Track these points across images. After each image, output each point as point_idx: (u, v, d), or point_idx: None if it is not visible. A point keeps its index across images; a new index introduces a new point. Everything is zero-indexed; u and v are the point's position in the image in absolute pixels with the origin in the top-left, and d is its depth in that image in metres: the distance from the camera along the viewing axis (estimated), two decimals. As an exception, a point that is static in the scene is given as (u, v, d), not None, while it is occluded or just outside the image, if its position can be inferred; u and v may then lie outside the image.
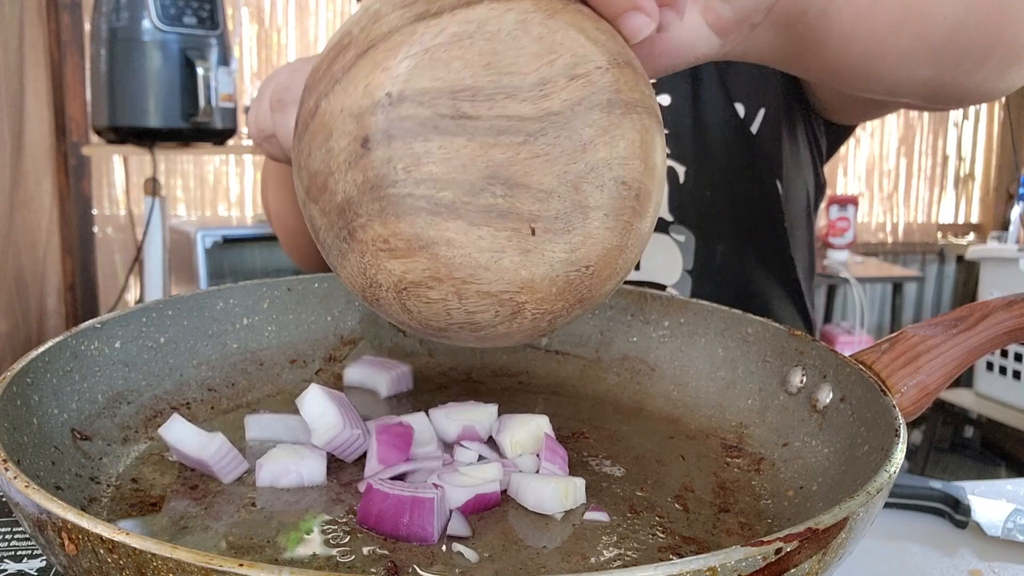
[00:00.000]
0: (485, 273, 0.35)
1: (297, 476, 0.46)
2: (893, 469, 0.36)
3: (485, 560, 0.40)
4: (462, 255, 0.35)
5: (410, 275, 0.36)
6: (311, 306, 0.63)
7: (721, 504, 0.46)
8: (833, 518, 0.31)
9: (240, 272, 2.18)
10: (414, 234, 0.34)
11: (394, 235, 0.35)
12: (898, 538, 0.59)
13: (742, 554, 0.28)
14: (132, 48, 1.95)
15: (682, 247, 0.76)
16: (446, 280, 0.35)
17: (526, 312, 0.37)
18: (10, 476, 0.32)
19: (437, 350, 0.66)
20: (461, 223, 0.34)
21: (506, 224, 0.35)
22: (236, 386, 0.58)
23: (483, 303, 0.36)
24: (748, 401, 0.55)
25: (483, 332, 0.38)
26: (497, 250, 0.35)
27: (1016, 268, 2.54)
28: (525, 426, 0.52)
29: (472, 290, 0.36)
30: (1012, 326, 0.49)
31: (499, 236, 0.35)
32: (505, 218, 0.35)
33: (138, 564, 0.28)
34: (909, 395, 0.46)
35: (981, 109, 3.62)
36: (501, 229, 0.35)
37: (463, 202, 0.34)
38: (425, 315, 0.37)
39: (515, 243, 0.35)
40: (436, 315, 0.37)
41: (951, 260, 3.65)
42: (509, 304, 0.36)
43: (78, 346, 0.49)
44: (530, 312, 0.37)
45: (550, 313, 0.37)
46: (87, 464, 0.46)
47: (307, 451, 0.48)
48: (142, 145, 2.05)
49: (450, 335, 0.38)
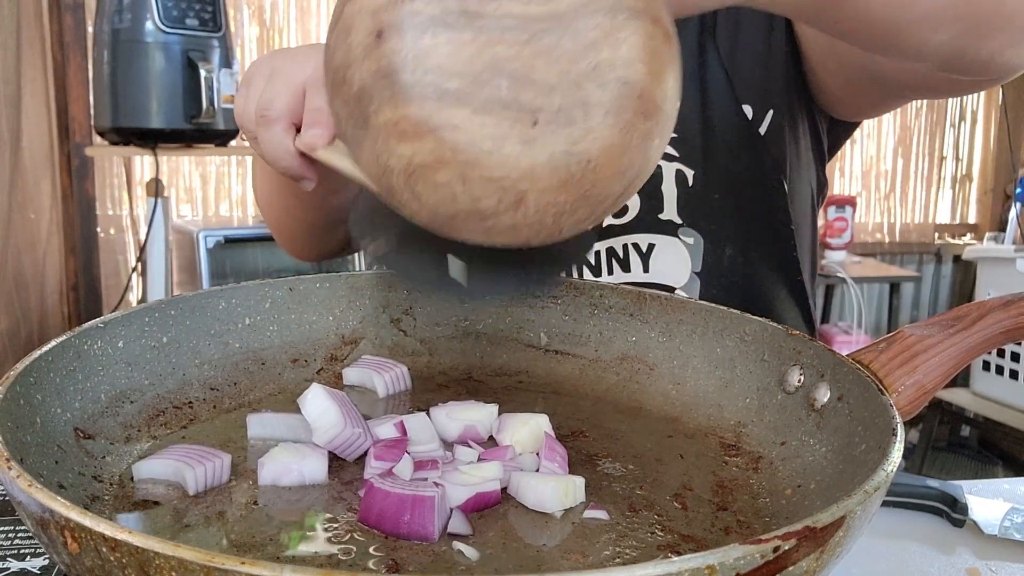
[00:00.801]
0: (488, 158, 0.37)
1: (299, 475, 0.47)
2: (890, 468, 0.36)
3: (485, 558, 0.40)
4: (466, 140, 0.37)
5: (418, 157, 0.37)
6: (313, 306, 0.64)
7: (720, 503, 0.47)
8: (831, 516, 0.31)
9: (242, 272, 2.18)
10: (422, 117, 0.37)
11: (403, 118, 0.37)
12: (896, 537, 0.59)
13: (740, 552, 0.28)
14: (135, 49, 1.95)
15: (691, 249, 0.77)
16: (451, 163, 0.37)
17: (529, 201, 0.38)
18: (13, 475, 0.33)
19: (437, 350, 0.66)
20: (465, 111, 0.37)
21: (508, 114, 0.37)
22: (238, 385, 0.58)
23: (487, 189, 0.38)
24: (746, 400, 0.55)
25: (490, 223, 0.39)
26: (500, 137, 0.37)
27: (1013, 268, 2.54)
28: (525, 425, 0.52)
29: (476, 174, 0.37)
30: (1009, 326, 0.49)
31: (502, 124, 0.37)
32: (508, 108, 0.37)
33: (140, 563, 0.28)
34: (906, 394, 0.46)
35: (978, 109, 3.62)
36: (504, 118, 0.37)
37: (468, 92, 0.36)
38: (433, 201, 0.38)
39: (517, 132, 0.37)
40: (443, 201, 0.38)
41: (948, 260, 3.65)
42: (512, 191, 0.38)
43: (81, 345, 0.49)
44: (533, 202, 0.38)
45: (553, 206, 0.39)
46: (90, 463, 0.46)
47: (308, 450, 0.48)
48: (145, 146, 2.05)
49: (459, 227, 0.40)
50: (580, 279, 0.67)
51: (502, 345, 0.67)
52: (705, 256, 0.77)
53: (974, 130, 3.65)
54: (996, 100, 3.54)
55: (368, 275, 0.67)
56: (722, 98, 0.77)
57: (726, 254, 0.77)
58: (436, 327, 0.67)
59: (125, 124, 2.00)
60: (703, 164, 0.77)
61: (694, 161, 0.77)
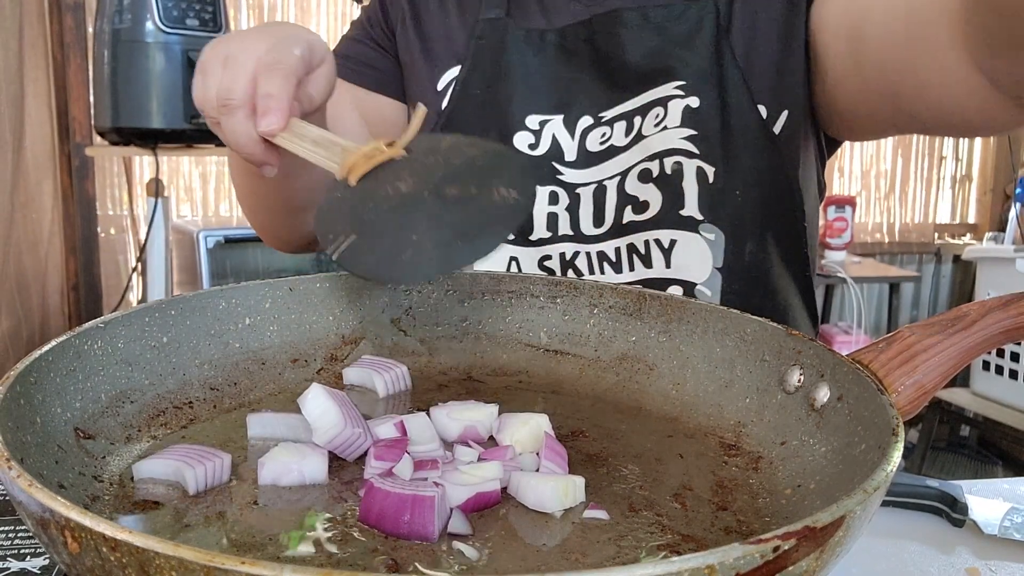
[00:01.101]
0: None
1: (299, 475, 0.47)
2: (890, 468, 0.36)
3: (485, 558, 0.40)
4: None
5: None
6: (313, 306, 0.64)
7: (719, 502, 0.47)
8: (831, 516, 0.31)
9: (242, 272, 2.19)
10: None
11: None
12: (895, 536, 0.59)
13: (740, 552, 0.28)
14: (135, 50, 1.96)
15: (712, 245, 0.78)
16: None
17: None
18: (13, 475, 0.33)
19: (437, 350, 0.66)
20: None
21: None
22: (238, 385, 0.58)
23: None
24: (746, 400, 0.55)
25: None
26: None
27: (1012, 268, 2.54)
28: (525, 425, 0.52)
29: None
30: (1009, 326, 0.49)
31: None
32: None
33: (140, 562, 0.28)
34: (906, 394, 0.46)
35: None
36: None
37: None
38: None
39: None
40: None
41: (948, 260, 3.65)
42: None
43: (81, 345, 0.49)
44: None
45: None
46: (90, 463, 0.46)
47: (308, 450, 0.48)
48: (145, 146, 2.05)
49: None
50: (581, 279, 0.67)
51: (502, 345, 0.67)
52: (727, 252, 0.78)
53: (974, 130, 3.64)
54: None
55: (368, 275, 0.67)
56: (739, 98, 0.78)
57: (747, 250, 0.79)
58: (436, 327, 0.67)
59: (125, 124, 2.00)
60: (723, 161, 0.78)
61: (714, 158, 0.78)
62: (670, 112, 0.78)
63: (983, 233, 3.55)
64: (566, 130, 0.81)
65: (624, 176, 0.80)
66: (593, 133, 0.81)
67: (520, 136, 0.82)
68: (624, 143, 0.80)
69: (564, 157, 0.81)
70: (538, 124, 0.82)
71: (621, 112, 0.81)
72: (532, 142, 0.82)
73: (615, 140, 0.80)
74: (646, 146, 0.79)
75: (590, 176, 0.81)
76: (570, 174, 0.81)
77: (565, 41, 0.82)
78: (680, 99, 0.78)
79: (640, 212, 0.79)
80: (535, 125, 0.82)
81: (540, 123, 0.82)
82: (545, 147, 0.81)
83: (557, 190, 0.81)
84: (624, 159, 0.80)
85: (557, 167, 0.81)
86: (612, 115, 0.81)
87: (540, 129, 0.82)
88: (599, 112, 0.81)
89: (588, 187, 0.81)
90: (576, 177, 0.81)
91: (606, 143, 0.81)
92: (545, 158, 0.81)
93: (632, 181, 0.79)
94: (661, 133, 0.78)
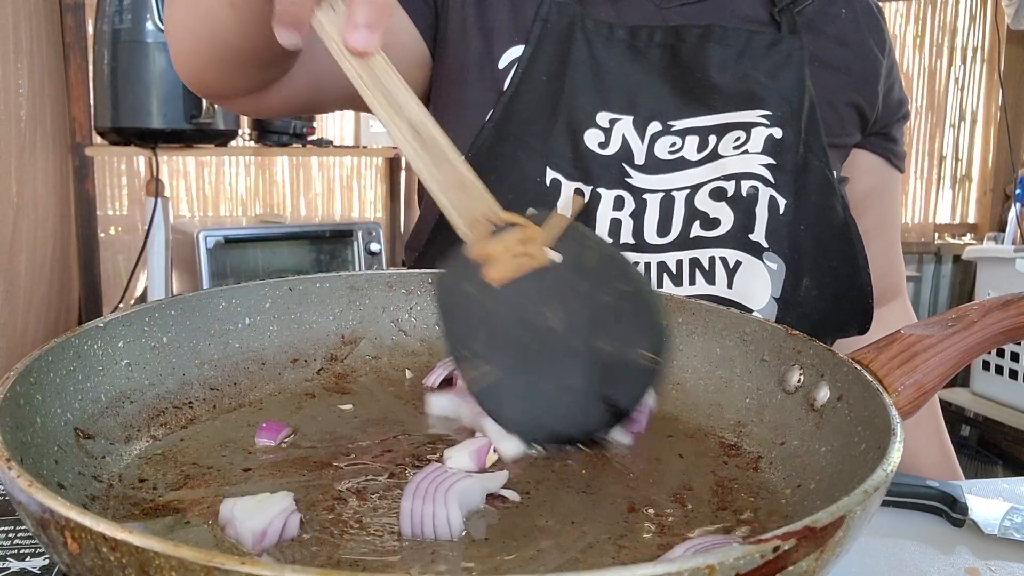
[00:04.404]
0: None
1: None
2: (890, 467, 0.36)
3: (484, 559, 0.40)
4: None
5: None
6: (313, 306, 0.64)
7: (720, 502, 0.47)
8: (830, 516, 0.31)
9: (242, 272, 2.19)
10: None
11: None
12: (895, 536, 0.59)
13: (740, 552, 0.28)
14: (135, 50, 1.95)
15: (773, 274, 0.78)
16: None
17: None
18: (13, 475, 0.33)
19: (437, 350, 0.66)
20: None
21: None
22: (238, 385, 0.58)
23: None
24: (746, 400, 0.55)
25: None
26: None
27: (1012, 268, 2.55)
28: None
29: None
30: (1008, 326, 0.49)
31: None
32: None
33: (140, 562, 0.28)
34: (906, 394, 0.46)
35: (978, 110, 3.62)
36: None
37: None
38: None
39: None
40: None
41: (948, 260, 3.65)
42: None
43: (81, 346, 0.49)
44: None
45: None
46: (90, 463, 0.46)
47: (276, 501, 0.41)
48: (145, 146, 2.05)
49: None
50: None
51: (502, 345, 0.67)
52: (785, 283, 0.78)
53: (974, 130, 3.64)
54: (996, 100, 3.54)
55: (368, 275, 0.67)
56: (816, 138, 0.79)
57: (803, 285, 0.78)
58: (436, 327, 0.67)
59: (125, 124, 2.00)
60: (795, 195, 0.78)
61: (787, 191, 0.78)
62: (752, 138, 0.78)
63: (983, 233, 3.56)
64: (636, 132, 0.80)
65: (695, 190, 0.78)
66: (662, 140, 0.79)
67: (590, 133, 0.79)
68: (696, 158, 0.79)
69: (633, 160, 0.79)
70: (608, 122, 0.80)
71: (694, 126, 0.80)
72: (602, 140, 0.79)
73: (686, 153, 0.79)
74: (722, 165, 0.78)
75: (658, 183, 0.79)
76: (639, 178, 0.79)
77: (635, 40, 0.80)
78: (764, 127, 0.78)
79: (710, 228, 0.78)
80: (605, 123, 0.80)
81: (610, 121, 0.80)
82: (615, 147, 0.79)
83: (624, 194, 0.79)
84: (695, 173, 0.79)
85: (626, 168, 0.79)
86: (684, 126, 0.80)
87: (610, 128, 0.80)
88: (668, 120, 0.80)
89: (656, 194, 0.79)
90: (644, 182, 0.79)
91: (676, 153, 0.79)
92: (615, 159, 0.79)
93: (703, 197, 0.78)
94: (741, 156, 0.78)
